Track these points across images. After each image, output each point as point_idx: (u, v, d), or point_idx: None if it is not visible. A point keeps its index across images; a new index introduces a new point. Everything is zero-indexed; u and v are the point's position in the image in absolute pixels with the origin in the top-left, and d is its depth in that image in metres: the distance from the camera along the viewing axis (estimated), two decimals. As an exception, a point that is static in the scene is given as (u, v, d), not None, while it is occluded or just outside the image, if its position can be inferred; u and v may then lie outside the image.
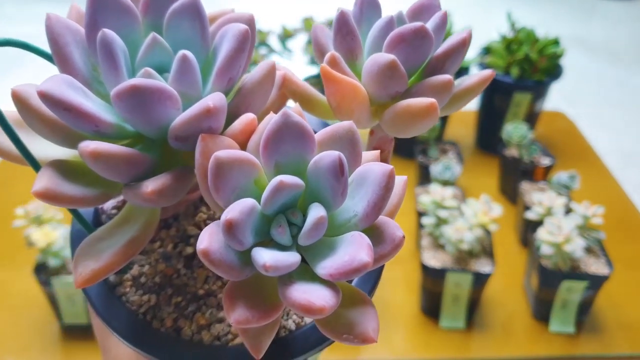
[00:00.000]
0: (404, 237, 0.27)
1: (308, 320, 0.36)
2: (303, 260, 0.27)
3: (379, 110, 0.36)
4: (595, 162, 1.42)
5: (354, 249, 0.26)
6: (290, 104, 0.37)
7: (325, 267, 0.26)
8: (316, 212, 0.27)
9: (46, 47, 0.30)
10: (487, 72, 0.35)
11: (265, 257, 0.25)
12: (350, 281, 0.36)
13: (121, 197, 0.37)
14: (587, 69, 2.33)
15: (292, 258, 0.26)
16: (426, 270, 0.95)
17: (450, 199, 0.99)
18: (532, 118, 1.38)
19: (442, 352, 0.95)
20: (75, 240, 0.37)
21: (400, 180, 0.30)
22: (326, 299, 0.25)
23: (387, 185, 0.27)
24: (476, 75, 0.36)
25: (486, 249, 0.97)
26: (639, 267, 1.12)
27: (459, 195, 1.10)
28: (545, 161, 1.23)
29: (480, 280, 0.94)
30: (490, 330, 0.98)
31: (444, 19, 0.35)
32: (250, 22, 0.32)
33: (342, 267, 0.25)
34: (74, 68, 0.29)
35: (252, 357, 0.29)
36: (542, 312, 1.00)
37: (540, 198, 1.04)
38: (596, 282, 0.94)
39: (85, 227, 0.35)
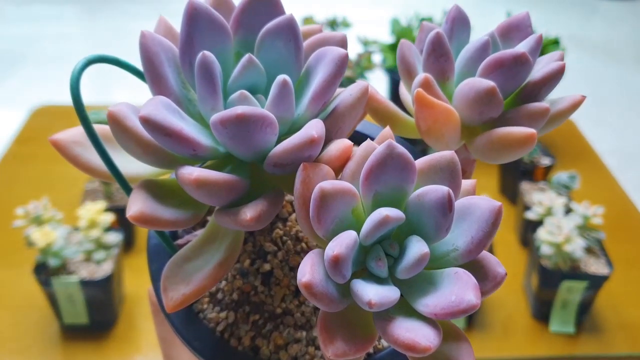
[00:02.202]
0: (505, 274, 0.27)
1: (386, 343, 0.35)
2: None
3: (467, 133, 0.36)
4: (595, 162, 1.42)
5: (460, 289, 0.25)
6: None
7: (428, 305, 0.26)
8: (418, 247, 0.26)
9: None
10: (578, 97, 0.34)
11: (369, 293, 0.25)
12: None
13: None
14: (586, 69, 2.33)
15: (393, 294, 0.26)
16: (426, 270, 0.95)
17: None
18: (532, 118, 1.38)
19: (442, 352, 0.95)
20: (153, 255, 0.37)
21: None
22: (430, 339, 0.25)
23: (495, 222, 0.26)
24: (567, 99, 0.35)
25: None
26: (639, 267, 1.12)
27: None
28: (545, 161, 1.23)
29: (480, 280, 0.94)
30: (490, 330, 0.98)
31: (540, 41, 0.34)
32: (343, 43, 0.31)
33: (448, 308, 0.25)
34: (167, 87, 0.29)
35: None
36: (542, 312, 1.00)
37: (540, 198, 1.04)
38: (596, 282, 0.94)
39: (166, 243, 0.35)
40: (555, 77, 0.34)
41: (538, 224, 1.01)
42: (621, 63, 2.44)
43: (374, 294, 0.25)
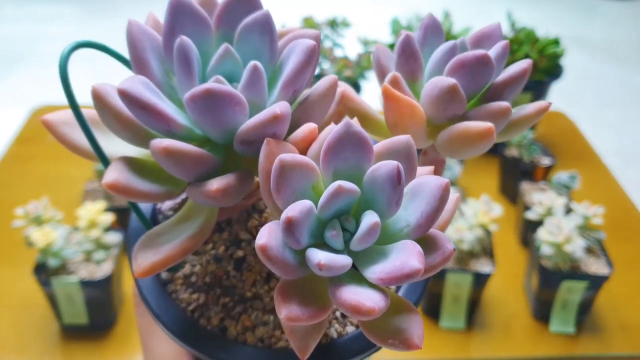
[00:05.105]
0: (454, 249, 0.28)
1: (350, 330, 0.37)
2: (354, 265, 0.28)
3: (434, 132, 0.37)
4: (595, 162, 1.42)
5: (405, 256, 0.27)
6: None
7: (375, 271, 0.27)
8: (370, 218, 0.28)
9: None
10: (544, 103, 0.36)
11: (320, 256, 0.26)
12: (397, 291, 0.38)
13: (179, 200, 0.40)
14: (587, 69, 2.33)
15: (344, 260, 0.27)
16: (426, 270, 0.95)
17: (450, 199, 0.99)
18: (532, 118, 1.38)
19: (442, 352, 0.95)
20: (133, 238, 0.38)
21: (452, 197, 0.32)
22: (375, 301, 0.26)
23: (442, 197, 0.28)
24: (533, 105, 0.37)
25: (486, 249, 0.97)
26: (639, 267, 1.12)
27: (459, 196, 1.10)
28: (545, 161, 1.23)
29: (481, 280, 0.94)
30: (490, 330, 0.98)
31: (506, 48, 0.36)
32: (316, 38, 0.33)
33: (392, 272, 0.26)
34: (150, 72, 0.31)
35: (296, 359, 0.30)
36: (542, 312, 1.00)
37: (540, 198, 1.04)
38: (596, 282, 0.94)
39: (144, 223, 0.37)
40: (518, 79, 0.36)
41: (538, 224, 1.01)
42: (621, 63, 2.44)
43: (324, 257, 0.26)
